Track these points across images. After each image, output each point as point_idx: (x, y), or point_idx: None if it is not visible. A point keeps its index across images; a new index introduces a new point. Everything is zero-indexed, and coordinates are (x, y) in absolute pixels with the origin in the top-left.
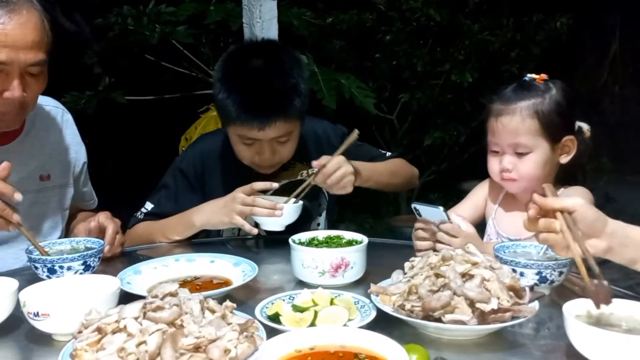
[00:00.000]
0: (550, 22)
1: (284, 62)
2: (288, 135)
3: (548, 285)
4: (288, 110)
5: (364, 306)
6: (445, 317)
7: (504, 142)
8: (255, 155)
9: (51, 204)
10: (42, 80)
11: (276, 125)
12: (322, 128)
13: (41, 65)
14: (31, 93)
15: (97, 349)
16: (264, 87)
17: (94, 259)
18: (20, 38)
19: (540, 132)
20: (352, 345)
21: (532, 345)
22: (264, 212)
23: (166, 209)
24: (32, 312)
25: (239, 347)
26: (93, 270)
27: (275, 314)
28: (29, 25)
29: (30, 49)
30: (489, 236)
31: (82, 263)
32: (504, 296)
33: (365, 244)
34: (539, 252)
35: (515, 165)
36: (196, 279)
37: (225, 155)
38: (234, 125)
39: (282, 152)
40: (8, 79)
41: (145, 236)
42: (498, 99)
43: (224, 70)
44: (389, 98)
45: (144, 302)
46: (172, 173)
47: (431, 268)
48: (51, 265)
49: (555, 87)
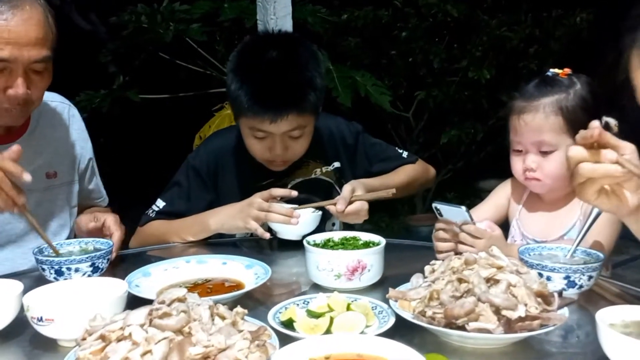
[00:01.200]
0: (569, 18)
1: (300, 55)
2: (301, 130)
3: (576, 291)
4: (302, 103)
5: (382, 312)
6: (469, 325)
7: (527, 140)
8: (267, 150)
9: (58, 202)
10: (47, 76)
11: (289, 119)
12: (337, 125)
13: (45, 62)
14: (36, 90)
15: (101, 357)
16: (278, 79)
17: (103, 260)
18: (24, 35)
19: (565, 129)
20: (370, 354)
21: (560, 354)
22: (279, 219)
23: (179, 207)
24: (35, 316)
25: (250, 356)
26: (101, 272)
27: (289, 320)
28: (32, 22)
29: (34, 45)
30: (513, 238)
31: (91, 265)
32: (531, 303)
33: (382, 246)
34: (566, 255)
35: (539, 164)
36: (207, 281)
37: (238, 153)
38: (245, 118)
39: (294, 148)
40: (12, 77)
41: (158, 235)
42: (520, 95)
43: (238, 60)
44: (405, 95)
45: (150, 309)
46: (184, 171)
47: (453, 272)
48: (58, 267)
49: (579, 82)
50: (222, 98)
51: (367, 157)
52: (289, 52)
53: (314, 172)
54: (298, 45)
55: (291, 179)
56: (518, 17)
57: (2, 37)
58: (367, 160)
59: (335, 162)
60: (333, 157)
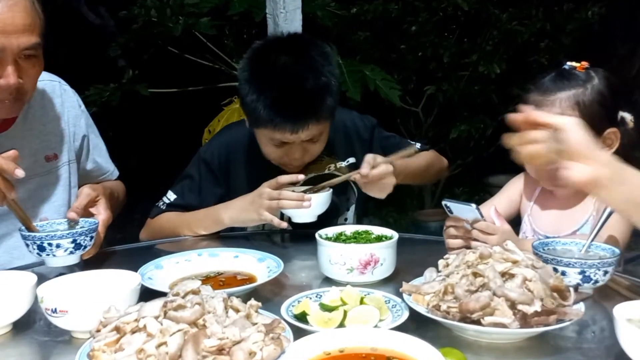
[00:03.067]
0: (581, 12)
1: (314, 59)
2: (320, 136)
3: (592, 286)
4: (321, 111)
5: (395, 306)
6: (484, 320)
7: None
8: (284, 155)
9: (60, 183)
10: (38, 64)
11: (309, 128)
12: (351, 119)
13: (35, 49)
14: (28, 79)
15: (116, 349)
16: (296, 89)
17: (85, 238)
18: (10, 22)
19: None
20: (384, 347)
21: (576, 350)
22: (291, 205)
23: (190, 200)
24: (49, 308)
25: (264, 349)
26: (85, 250)
27: (302, 313)
28: (18, 8)
29: (22, 32)
30: (525, 233)
31: (72, 241)
32: (547, 297)
33: (395, 240)
34: (581, 250)
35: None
36: (219, 274)
37: (250, 147)
38: (264, 129)
39: (312, 151)
40: (2, 66)
41: (169, 228)
42: (535, 88)
43: (251, 69)
44: (415, 90)
45: (165, 301)
46: (195, 164)
47: (468, 266)
48: (40, 242)
49: (597, 76)
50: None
51: (382, 150)
52: (302, 56)
53: (328, 167)
54: (310, 48)
55: (304, 174)
56: (529, 11)
57: None
58: (383, 152)
59: (350, 157)
60: (348, 153)
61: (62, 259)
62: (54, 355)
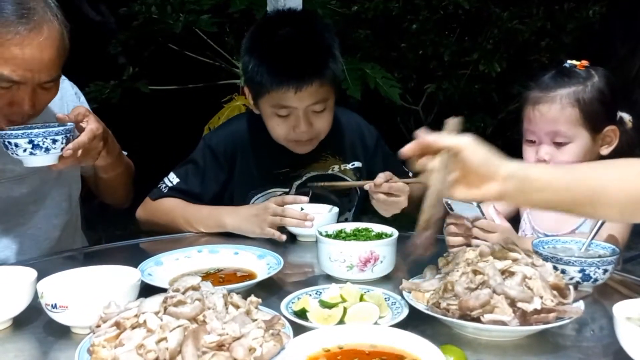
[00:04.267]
0: (582, 11)
1: (315, 26)
2: (324, 104)
3: (591, 284)
4: (323, 71)
5: (395, 303)
6: (484, 317)
7: (542, 130)
8: (291, 130)
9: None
10: (54, 90)
11: (312, 88)
12: (357, 123)
13: (54, 81)
14: (40, 104)
15: (116, 344)
16: (298, 48)
17: (43, 139)
18: (38, 59)
19: (581, 121)
20: (384, 344)
21: (575, 348)
22: (293, 223)
23: (192, 186)
24: (49, 303)
25: (264, 345)
26: (48, 153)
27: (302, 310)
28: (48, 44)
29: (46, 68)
30: (524, 232)
31: (29, 142)
32: (547, 295)
33: (395, 237)
34: (581, 249)
35: (552, 156)
36: (219, 271)
37: (257, 138)
38: (268, 95)
39: (318, 124)
40: (18, 93)
41: (169, 216)
42: (536, 86)
43: (254, 39)
44: (415, 88)
45: (165, 296)
46: (200, 150)
47: (468, 264)
48: (2, 140)
49: (597, 75)
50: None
51: (384, 165)
52: (304, 25)
53: (332, 167)
54: (312, 19)
55: (307, 171)
56: (530, 10)
57: (16, 59)
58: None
59: (356, 161)
60: (353, 156)
61: (27, 159)
62: (53, 351)
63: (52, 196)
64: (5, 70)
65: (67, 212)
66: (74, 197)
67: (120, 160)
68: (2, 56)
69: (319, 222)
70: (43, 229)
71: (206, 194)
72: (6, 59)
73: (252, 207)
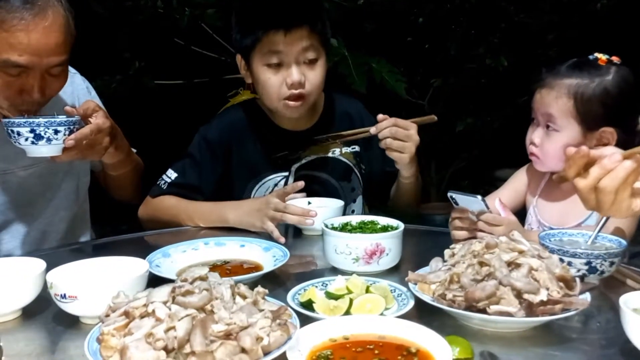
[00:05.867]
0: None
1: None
2: (316, 53)
3: (597, 276)
4: (313, 17)
5: (400, 294)
6: (490, 309)
7: (539, 111)
8: (284, 83)
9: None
10: (64, 76)
11: (302, 32)
12: (357, 109)
13: (62, 65)
14: (50, 91)
15: (125, 333)
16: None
17: (45, 129)
18: (44, 43)
19: (574, 114)
20: (390, 335)
21: (581, 340)
22: (294, 220)
23: (190, 179)
24: (59, 294)
25: (271, 335)
26: (50, 143)
27: (309, 301)
28: (54, 28)
29: (53, 53)
30: (530, 225)
31: (30, 131)
32: (553, 287)
33: (401, 230)
34: (587, 241)
35: (542, 140)
36: (226, 263)
37: (252, 126)
38: (259, 45)
39: (310, 77)
40: (28, 80)
41: (170, 213)
42: (551, 69)
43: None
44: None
45: (173, 286)
46: (196, 143)
47: (474, 256)
48: (6, 128)
49: (614, 73)
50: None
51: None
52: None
53: (332, 151)
54: None
55: (306, 153)
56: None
57: (22, 44)
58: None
59: (355, 145)
60: (352, 140)
61: (29, 149)
62: (62, 341)
63: (62, 188)
64: (12, 56)
65: (75, 204)
66: (82, 189)
67: (130, 159)
68: (9, 42)
69: (325, 215)
70: (51, 221)
71: (205, 186)
72: (13, 44)
73: (253, 201)
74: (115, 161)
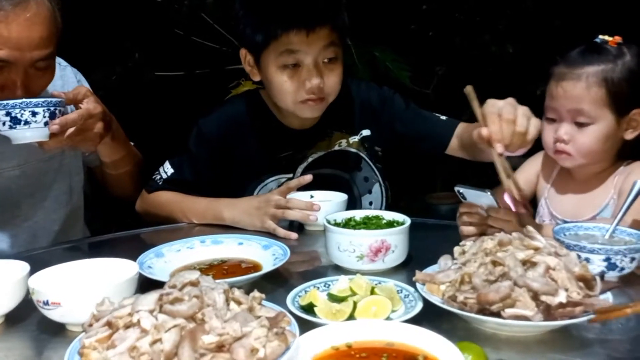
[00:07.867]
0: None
1: None
2: (336, 52)
3: (617, 274)
4: (335, 15)
5: (408, 296)
6: (504, 312)
7: (563, 108)
8: (301, 85)
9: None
10: (50, 72)
11: (325, 31)
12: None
13: (48, 59)
14: (35, 87)
15: (108, 346)
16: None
17: (21, 111)
18: (26, 36)
19: (607, 102)
20: (397, 341)
21: (602, 343)
22: (296, 216)
23: (187, 175)
24: (41, 300)
25: (267, 345)
26: (29, 126)
27: (310, 305)
28: (36, 20)
29: (36, 46)
30: (542, 218)
31: (6, 114)
32: (573, 287)
33: (407, 226)
34: (605, 235)
35: (572, 136)
36: (223, 262)
37: (255, 121)
38: (275, 43)
39: (329, 80)
40: (9, 76)
41: (165, 209)
42: (562, 61)
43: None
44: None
45: (160, 293)
46: (194, 137)
47: (486, 254)
48: None
49: (629, 53)
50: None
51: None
52: None
53: (338, 143)
54: None
55: (312, 151)
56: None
57: (2, 37)
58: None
59: (364, 129)
60: (360, 124)
61: (11, 134)
62: (47, 350)
63: (53, 188)
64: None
65: (67, 204)
66: (75, 188)
67: (130, 157)
68: None
69: (328, 209)
70: (41, 224)
71: (202, 181)
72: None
73: (252, 198)
74: (115, 158)
